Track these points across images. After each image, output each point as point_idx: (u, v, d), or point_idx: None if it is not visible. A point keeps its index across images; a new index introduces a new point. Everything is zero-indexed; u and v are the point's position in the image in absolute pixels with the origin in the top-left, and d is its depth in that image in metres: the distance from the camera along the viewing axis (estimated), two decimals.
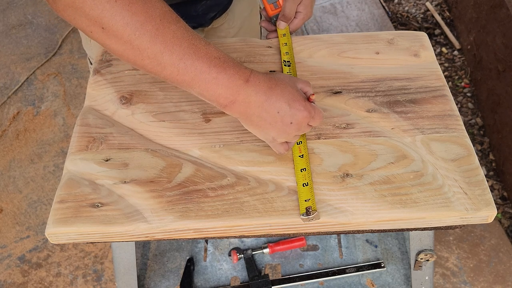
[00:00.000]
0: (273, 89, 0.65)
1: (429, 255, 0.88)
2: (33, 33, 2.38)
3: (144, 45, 0.61)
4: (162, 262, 1.09)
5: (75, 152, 0.76)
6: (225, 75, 0.63)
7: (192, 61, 0.62)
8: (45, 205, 1.73)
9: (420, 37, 0.90)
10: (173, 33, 0.61)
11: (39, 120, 2.01)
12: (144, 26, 0.60)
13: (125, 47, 0.61)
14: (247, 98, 0.64)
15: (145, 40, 0.60)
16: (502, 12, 1.74)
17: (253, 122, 0.67)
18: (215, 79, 0.62)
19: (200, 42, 0.63)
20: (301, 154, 0.72)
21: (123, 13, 0.59)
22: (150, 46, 0.61)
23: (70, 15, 0.61)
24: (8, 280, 1.56)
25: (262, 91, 0.64)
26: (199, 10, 0.94)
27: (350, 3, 2.42)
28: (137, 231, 0.67)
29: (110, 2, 0.58)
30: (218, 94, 0.64)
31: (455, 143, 0.74)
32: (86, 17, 0.60)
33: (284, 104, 0.65)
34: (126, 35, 0.60)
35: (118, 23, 0.59)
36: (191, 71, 0.62)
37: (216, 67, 0.62)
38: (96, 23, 0.60)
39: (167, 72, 0.63)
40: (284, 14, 0.88)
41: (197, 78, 0.63)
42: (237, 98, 0.64)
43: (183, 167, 0.73)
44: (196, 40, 0.62)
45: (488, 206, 0.67)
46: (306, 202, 0.67)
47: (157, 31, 0.60)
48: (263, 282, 1.03)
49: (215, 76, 0.62)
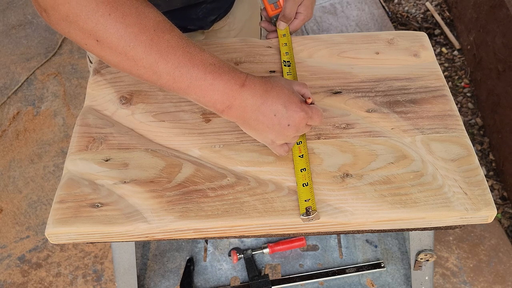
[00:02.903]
0: (269, 92, 0.65)
1: (429, 255, 0.88)
2: (33, 33, 2.38)
3: (139, 55, 0.61)
4: (162, 262, 1.09)
5: (75, 152, 0.76)
6: (221, 81, 0.63)
7: (188, 69, 0.62)
8: (45, 205, 1.73)
9: (420, 37, 0.90)
10: (168, 43, 0.61)
11: (39, 120, 2.01)
12: (138, 38, 0.60)
13: (120, 58, 0.62)
14: (243, 102, 0.64)
15: (139, 51, 0.61)
16: (502, 12, 1.74)
17: (251, 126, 0.67)
18: (211, 85, 0.63)
19: (195, 49, 0.63)
20: (301, 154, 0.72)
21: (117, 25, 0.59)
22: (145, 56, 0.61)
23: (64, 28, 0.61)
24: (8, 280, 1.56)
25: (258, 94, 0.65)
26: (199, 13, 0.94)
27: (350, 3, 2.42)
28: (137, 231, 0.67)
29: (104, 16, 0.59)
30: (215, 100, 0.64)
31: (455, 143, 0.74)
32: (80, 30, 0.60)
33: (280, 106, 0.65)
34: (121, 47, 0.60)
35: (112, 35, 0.60)
36: (186, 78, 0.62)
37: (212, 74, 0.63)
38: (91, 36, 0.60)
39: (163, 81, 0.63)
40: (285, 15, 0.88)
41: (193, 85, 0.63)
42: (233, 103, 0.64)
43: (183, 167, 0.73)
44: (190, 48, 0.63)
45: (488, 206, 0.67)
46: (306, 202, 0.67)
47: (152, 42, 0.60)
48: (263, 282, 1.03)
49: (211, 83, 0.63)
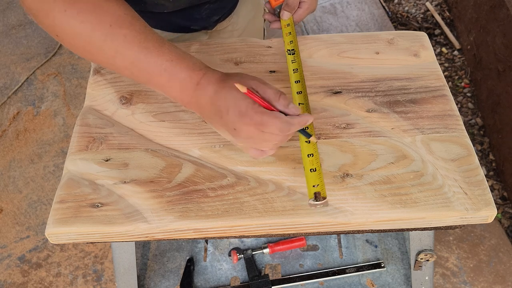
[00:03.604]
0: (219, 92, 0.62)
1: (429, 255, 0.88)
2: (33, 33, 2.38)
3: (94, 51, 0.62)
4: (162, 262, 1.09)
5: (75, 152, 0.76)
6: (177, 79, 0.63)
7: (144, 66, 0.62)
8: (45, 205, 1.73)
9: (420, 37, 0.90)
10: (124, 38, 0.61)
11: (39, 120, 2.01)
12: (92, 34, 0.61)
13: (81, 52, 0.63)
14: (198, 101, 0.64)
15: (94, 47, 0.61)
16: (502, 12, 1.74)
17: (211, 123, 0.66)
18: (168, 83, 0.63)
19: (153, 44, 0.62)
20: (307, 140, 0.69)
21: (71, 22, 0.60)
22: (100, 52, 0.62)
23: (34, 20, 0.64)
24: (8, 280, 1.56)
25: (208, 95, 0.62)
26: (203, 13, 0.93)
27: (350, 3, 2.42)
28: (137, 231, 0.67)
29: (60, 12, 0.60)
30: (174, 97, 0.65)
31: (455, 143, 0.74)
32: (43, 24, 0.62)
33: (224, 109, 0.61)
34: (77, 42, 0.62)
35: (68, 32, 0.61)
36: (144, 75, 0.63)
37: (167, 72, 0.62)
38: (52, 31, 0.62)
39: (126, 74, 0.64)
40: (288, 4, 0.85)
41: (151, 82, 0.64)
42: (190, 100, 0.64)
43: (183, 167, 0.73)
44: (149, 43, 0.62)
45: (488, 206, 0.67)
46: (314, 187, 0.65)
47: (106, 37, 0.61)
48: (263, 282, 1.03)
49: (168, 79, 0.63)
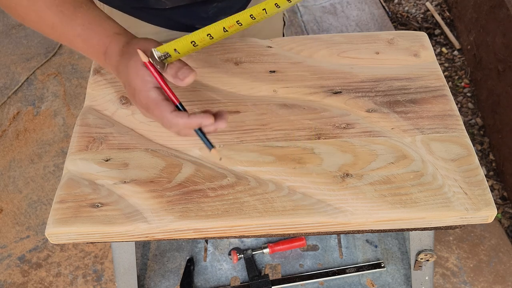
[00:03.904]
0: (120, 63, 0.65)
1: (429, 255, 0.88)
2: (33, 33, 2.38)
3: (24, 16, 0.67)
4: (162, 262, 1.09)
5: (75, 152, 0.76)
6: (90, 46, 0.66)
7: (61, 30, 0.66)
8: (45, 205, 1.73)
9: (420, 37, 0.90)
10: (44, 2, 0.65)
11: (39, 120, 2.01)
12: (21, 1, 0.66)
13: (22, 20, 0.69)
14: (113, 71, 0.67)
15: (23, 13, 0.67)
16: (502, 12, 1.74)
17: None
18: (83, 49, 0.67)
19: (68, 7, 0.65)
20: None
21: None
22: (26, 17, 0.67)
23: None
24: (8, 280, 1.55)
25: (113, 66, 0.66)
26: (209, 12, 0.90)
27: (350, 3, 2.42)
28: (137, 231, 0.67)
29: None
30: (95, 60, 0.69)
31: (455, 143, 0.74)
32: None
33: (124, 84, 0.66)
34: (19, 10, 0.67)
35: None
36: (64, 40, 0.67)
37: (80, 37, 0.66)
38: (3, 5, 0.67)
39: (55, 39, 0.68)
40: None
41: (72, 44, 0.67)
42: (108, 70, 0.68)
43: (183, 167, 0.73)
44: (64, 6, 0.65)
45: (488, 206, 0.67)
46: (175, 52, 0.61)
47: (29, 2, 0.65)
48: (263, 282, 1.03)
49: (82, 46, 0.67)
